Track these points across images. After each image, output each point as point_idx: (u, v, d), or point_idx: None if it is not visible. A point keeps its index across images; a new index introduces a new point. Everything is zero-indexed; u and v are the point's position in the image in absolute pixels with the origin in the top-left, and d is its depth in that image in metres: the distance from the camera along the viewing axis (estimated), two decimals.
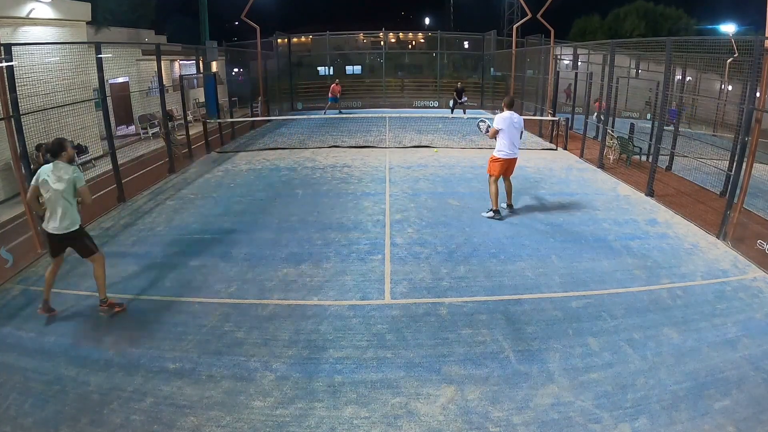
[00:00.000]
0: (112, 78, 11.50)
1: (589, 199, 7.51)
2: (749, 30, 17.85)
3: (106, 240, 6.01)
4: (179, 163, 10.04)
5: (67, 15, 10.53)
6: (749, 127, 5.67)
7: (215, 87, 15.40)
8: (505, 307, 4.31)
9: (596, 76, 12.86)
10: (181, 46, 15.41)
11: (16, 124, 5.45)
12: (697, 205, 7.03)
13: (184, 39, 19.71)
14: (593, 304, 4.36)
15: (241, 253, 5.49)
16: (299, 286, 4.74)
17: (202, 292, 4.64)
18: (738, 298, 4.49)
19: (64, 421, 2.99)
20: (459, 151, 11.20)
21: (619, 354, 3.63)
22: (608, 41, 10.32)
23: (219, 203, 7.44)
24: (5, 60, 5.36)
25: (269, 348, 3.75)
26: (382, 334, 3.92)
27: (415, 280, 4.84)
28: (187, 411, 3.08)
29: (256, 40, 17.71)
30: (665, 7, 29.16)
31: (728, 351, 3.66)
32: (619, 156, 9.94)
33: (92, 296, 4.57)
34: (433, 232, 6.09)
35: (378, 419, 3.02)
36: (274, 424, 2.98)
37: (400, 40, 29.09)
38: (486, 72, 21.15)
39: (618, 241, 5.79)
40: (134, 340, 3.87)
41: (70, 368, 3.50)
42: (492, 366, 3.51)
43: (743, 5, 16.19)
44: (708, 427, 2.92)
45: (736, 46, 7.20)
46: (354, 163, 9.96)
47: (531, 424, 2.96)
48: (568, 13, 30.36)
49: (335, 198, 7.57)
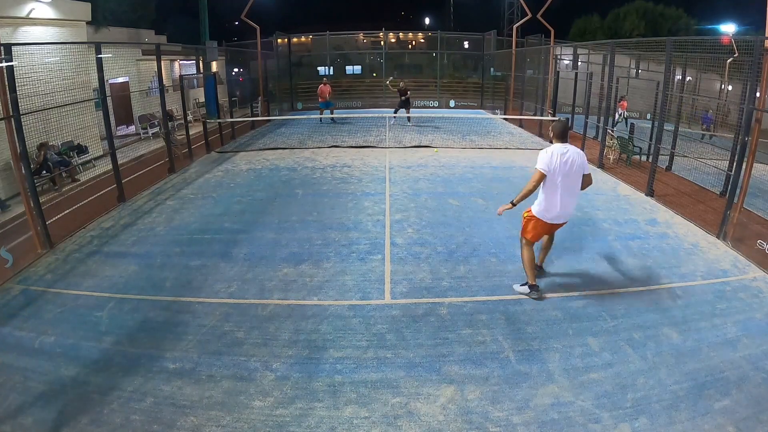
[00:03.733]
0: (112, 78, 11.51)
1: (589, 199, 7.50)
2: (749, 30, 17.85)
3: (106, 240, 6.01)
4: (179, 163, 10.04)
5: (67, 15, 10.53)
6: (749, 127, 5.67)
7: (215, 87, 15.39)
8: (505, 307, 4.31)
9: (596, 76, 12.87)
10: (181, 46, 15.40)
11: (16, 124, 5.45)
12: (697, 205, 7.03)
13: (184, 39, 19.71)
14: (593, 304, 4.36)
15: (241, 253, 5.49)
16: (299, 286, 4.74)
17: (202, 292, 4.64)
18: (738, 298, 4.49)
19: (64, 421, 2.99)
20: (459, 151, 11.20)
21: (619, 354, 3.63)
22: (608, 41, 10.32)
23: (219, 203, 7.44)
24: (5, 60, 5.36)
25: (269, 348, 3.75)
26: (382, 334, 3.92)
27: (415, 280, 4.84)
28: (187, 411, 3.08)
29: (256, 40, 17.71)
30: (665, 7, 29.17)
31: (728, 351, 3.66)
32: (619, 156, 9.95)
33: (92, 296, 4.58)
34: (433, 232, 6.09)
35: (378, 419, 3.02)
36: (274, 424, 2.98)
37: (400, 40, 29.07)
38: (486, 72, 21.15)
39: (618, 241, 5.79)
40: (134, 340, 3.87)
41: (70, 368, 3.50)
42: (492, 366, 3.51)
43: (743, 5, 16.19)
44: (708, 427, 2.92)
45: (736, 46, 7.20)
46: (354, 163, 9.95)
47: (531, 424, 2.96)
48: (568, 13, 30.39)
49: (335, 198, 7.57)
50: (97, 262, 5.36)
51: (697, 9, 28.31)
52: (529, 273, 4.44)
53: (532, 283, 4.43)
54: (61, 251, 5.69)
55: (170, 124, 9.88)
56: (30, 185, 5.70)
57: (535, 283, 4.44)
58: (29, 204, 5.64)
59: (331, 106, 16.03)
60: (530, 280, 4.44)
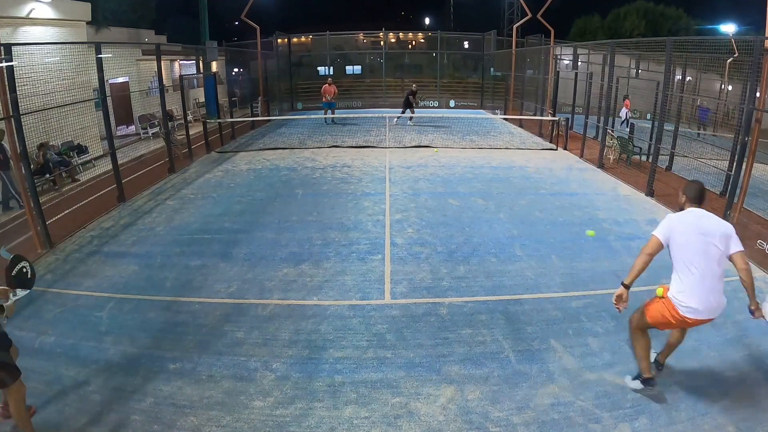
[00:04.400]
0: (112, 78, 11.50)
1: (589, 199, 7.51)
2: (749, 30, 17.85)
3: (106, 240, 6.01)
4: (179, 163, 10.04)
5: (67, 15, 10.53)
6: (749, 127, 5.67)
7: (215, 87, 15.40)
8: (505, 307, 4.31)
9: (596, 76, 12.86)
10: (181, 46, 15.39)
11: (16, 124, 5.45)
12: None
13: (184, 39, 19.68)
14: (593, 304, 4.36)
15: (241, 253, 5.49)
16: (299, 286, 4.74)
17: (202, 292, 4.64)
18: (738, 298, 4.46)
19: (64, 421, 2.99)
20: (459, 151, 11.20)
21: (619, 354, 3.63)
22: (608, 41, 10.32)
23: (219, 203, 7.44)
24: (5, 60, 5.36)
25: (269, 348, 3.75)
26: (382, 334, 3.92)
27: (415, 280, 4.84)
28: (187, 411, 3.08)
29: (256, 40, 17.70)
30: (665, 7, 29.13)
31: (728, 351, 3.66)
32: (619, 156, 9.95)
33: (92, 296, 4.58)
34: (433, 232, 6.09)
35: (378, 419, 3.02)
36: (274, 424, 2.98)
37: (400, 40, 29.05)
38: (486, 72, 21.14)
39: (618, 241, 5.78)
40: (134, 340, 3.87)
41: (70, 368, 3.50)
42: (492, 366, 3.51)
43: (743, 5, 16.18)
44: (708, 427, 2.92)
45: (736, 46, 7.20)
46: (354, 163, 9.95)
47: (531, 424, 2.96)
48: (568, 13, 30.35)
49: (335, 198, 7.57)
50: (97, 262, 5.36)
51: (697, 9, 28.31)
52: (643, 364, 3.24)
53: (647, 376, 3.21)
54: (61, 251, 5.69)
55: (170, 124, 9.85)
56: (30, 185, 5.70)
57: (650, 375, 3.22)
58: (29, 204, 5.65)
59: (333, 106, 15.94)
60: (645, 372, 3.22)
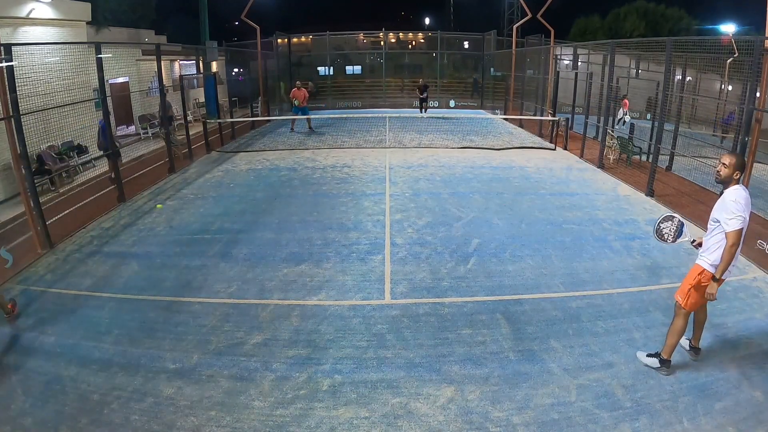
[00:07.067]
0: (112, 78, 11.50)
1: (589, 199, 7.51)
2: (749, 30, 17.84)
3: (106, 240, 6.01)
4: (179, 163, 10.03)
5: (67, 15, 10.53)
6: (749, 127, 5.67)
7: (215, 87, 15.38)
8: (505, 307, 4.31)
9: (596, 76, 12.86)
10: (181, 46, 15.37)
11: (16, 124, 5.44)
12: (697, 205, 7.02)
13: (184, 39, 19.67)
14: (593, 304, 4.36)
15: (241, 253, 5.49)
16: (299, 286, 4.74)
17: (202, 292, 4.64)
18: (738, 298, 4.49)
19: (64, 421, 2.99)
20: (459, 151, 11.20)
21: (619, 354, 3.63)
22: (608, 41, 10.31)
23: (219, 203, 7.44)
24: (5, 60, 5.36)
25: (269, 348, 3.75)
26: (382, 334, 3.92)
27: (415, 280, 4.84)
28: (187, 411, 3.08)
29: (256, 40, 17.69)
30: (666, 7, 29.12)
31: (728, 351, 3.66)
32: (619, 156, 9.95)
33: (92, 296, 4.58)
34: (433, 232, 6.09)
35: (378, 419, 3.02)
36: (274, 425, 2.98)
37: (400, 40, 29.02)
38: (486, 72, 21.14)
39: (618, 241, 5.78)
40: (134, 340, 3.87)
41: (70, 368, 3.50)
42: (492, 366, 3.51)
43: (743, 5, 16.18)
44: (708, 427, 2.92)
45: (736, 46, 7.19)
46: (354, 163, 9.95)
47: (531, 424, 2.96)
48: (568, 13, 30.32)
49: (335, 198, 7.57)
50: (97, 262, 5.36)
51: (697, 9, 28.29)
52: (671, 346, 3.40)
53: (666, 357, 3.41)
54: (61, 251, 5.69)
55: (170, 124, 9.85)
56: (30, 185, 5.70)
57: (669, 358, 3.42)
58: (29, 204, 5.64)
59: (306, 112, 14.49)
60: (666, 353, 3.41)
